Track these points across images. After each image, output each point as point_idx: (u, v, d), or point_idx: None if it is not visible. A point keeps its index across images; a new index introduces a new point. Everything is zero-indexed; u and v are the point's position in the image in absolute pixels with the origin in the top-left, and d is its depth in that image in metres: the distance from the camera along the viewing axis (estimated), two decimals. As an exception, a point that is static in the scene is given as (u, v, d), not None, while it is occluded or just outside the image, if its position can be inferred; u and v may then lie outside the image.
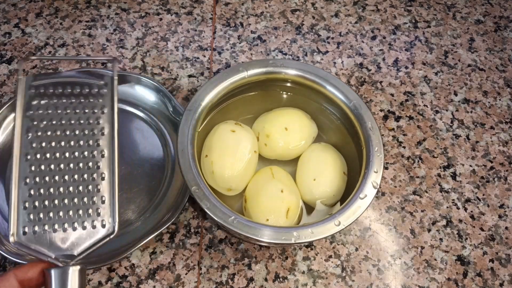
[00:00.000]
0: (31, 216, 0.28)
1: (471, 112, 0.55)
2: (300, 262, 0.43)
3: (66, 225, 0.29)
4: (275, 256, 0.43)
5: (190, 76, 0.54)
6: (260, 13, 0.61)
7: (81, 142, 0.31)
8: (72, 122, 0.31)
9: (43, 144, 0.30)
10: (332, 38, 0.60)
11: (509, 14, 0.66)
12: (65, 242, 0.28)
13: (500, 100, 0.56)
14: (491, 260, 0.45)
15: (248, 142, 0.43)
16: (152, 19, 0.59)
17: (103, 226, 0.29)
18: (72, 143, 0.31)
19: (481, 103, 0.56)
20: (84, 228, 0.29)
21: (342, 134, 0.46)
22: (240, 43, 0.58)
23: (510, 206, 0.48)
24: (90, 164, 0.31)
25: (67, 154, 0.30)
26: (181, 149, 0.38)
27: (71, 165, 0.30)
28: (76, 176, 0.30)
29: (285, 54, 0.58)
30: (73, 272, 0.27)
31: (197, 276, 0.42)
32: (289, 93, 0.48)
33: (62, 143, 0.31)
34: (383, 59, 0.58)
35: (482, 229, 0.46)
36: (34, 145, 0.30)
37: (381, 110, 0.54)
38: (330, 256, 0.43)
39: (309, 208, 0.44)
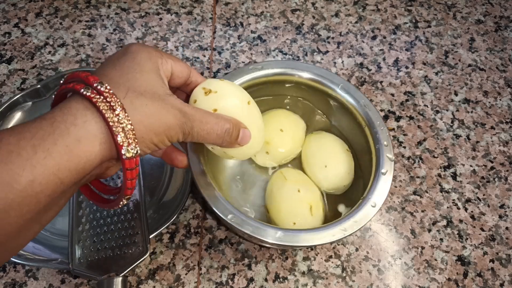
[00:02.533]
0: (84, 251, 0.38)
1: (472, 112, 0.55)
2: (300, 262, 0.43)
3: (110, 253, 0.38)
4: (275, 257, 0.43)
5: (190, 76, 0.54)
6: (260, 13, 0.61)
7: None
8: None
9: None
10: (333, 38, 0.60)
11: (510, 14, 0.66)
12: (111, 265, 0.37)
13: (500, 100, 0.56)
14: (492, 260, 0.45)
15: (235, 103, 0.34)
16: (152, 19, 0.59)
17: (138, 249, 0.38)
18: None
19: (481, 103, 0.56)
20: (124, 253, 0.38)
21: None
22: (240, 43, 0.58)
23: (511, 206, 0.48)
24: (125, 209, 0.41)
25: None
26: (197, 172, 0.38)
27: (111, 211, 0.40)
28: (116, 219, 0.40)
29: (285, 54, 0.57)
30: (117, 282, 0.36)
31: (197, 277, 0.42)
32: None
33: None
34: (384, 59, 0.58)
35: (482, 229, 0.46)
36: (83, 204, 0.41)
37: (381, 110, 0.54)
38: (330, 257, 0.43)
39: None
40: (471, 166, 0.51)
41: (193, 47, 0.57)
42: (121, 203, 0.28)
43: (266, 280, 0.42)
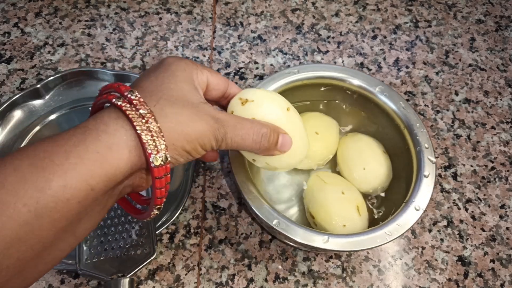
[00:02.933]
0: (92, 250, 0.38)
1: (472, 112, 0.55)
2: (300, 262, 0.43)
3: (117, 253, 0.38)
4: (275, 257, 0.43)
5: (190, 75, 0.54)
6: (260, 13, 0.61)
7: None
8: None
9: None
10: (333, 37, 0.60)
11: (510, 14, 0.65)
12: (118, 265, 0.37)
13: (501, 100, 0.56)
14: (492, 261, 0.44)
15: (274, 110, 0.32)
16: (152, 19, 0.59)
17: (145, 250, 0.38)
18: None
19: (482, 103, 0.56)
20: (131, 254, 0.38)
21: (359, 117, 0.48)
22: (240, 42, 0.58)
23: (511, 206, 0.48)
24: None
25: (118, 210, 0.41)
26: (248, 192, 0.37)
27: (119, 212, 0.40)
28: (123, 219, 0.40)
29: (285, 53, 0.57)
30: (124, 283, 0.36)
31: (197, 277, 0.42)
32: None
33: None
34: (384, 59, 0.58)
35: (483, 230, 0.46)
36: None
37: (381, 110, 0.54)
38: (331, 257, 0.43)
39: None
40: (471, 166, 0.50)
41: (193, 46, 0.57)
42: (153, 213, 0.28)
43: (266, 280, 0.42)
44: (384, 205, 0.43)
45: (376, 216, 0.43)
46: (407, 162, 0.41)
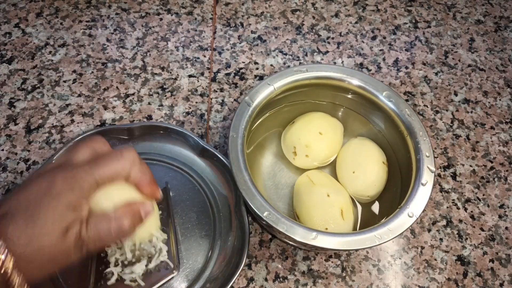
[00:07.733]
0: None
1: (471, 112, 0.55)
2: (300, 262, 0.43)
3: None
4: (275, 256, 0.43)
5: (190, 76, 0.54)
6: (260, 13, 0.61)
7: None
8: None
9: None
10: (332, 38, 0.60)
11: (509, 14, 0.66)
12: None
13: (500, 100, 0.56)
14: (491, 260, 0.45)
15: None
16: (152, 19, 0.59)
17: (166, 269, 0.37)
18: None
19: (481, 103, 0.56)
20: (150, 273, 0.37)
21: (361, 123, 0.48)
22: (240, 43, 0.58)
23: (510, 206, 0.48)
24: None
25: None
26: (241, 180, 0.37)
27: None
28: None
29: (285, 54, 0.58)
30: None
31: (197, 276, 0.42)
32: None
33: None
34: (383, 59, 0.58)
35: (482, 229, 0.46)
36: None
37: (381, 110, 0.54)
38: (330, 256, 0.43)
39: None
40: (470, 166, 0.51)
41: (194, 47, 0.57)
42: None
43: (266, 279, 0.42)
44: (382, 209, 0.44)
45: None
46: (409, 170, 0.41)
